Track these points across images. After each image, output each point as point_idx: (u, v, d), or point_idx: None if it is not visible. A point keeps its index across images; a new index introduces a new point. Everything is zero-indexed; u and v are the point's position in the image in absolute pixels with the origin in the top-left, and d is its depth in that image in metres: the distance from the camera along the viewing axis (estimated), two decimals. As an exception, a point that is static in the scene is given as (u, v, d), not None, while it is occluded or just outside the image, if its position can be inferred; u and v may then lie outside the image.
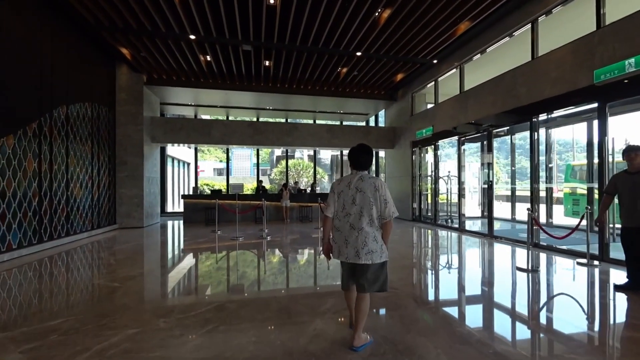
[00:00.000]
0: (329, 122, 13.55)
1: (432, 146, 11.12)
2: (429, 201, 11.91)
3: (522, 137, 13.15)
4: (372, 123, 15.86)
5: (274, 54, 9.67)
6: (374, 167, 16.67)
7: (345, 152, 17.99)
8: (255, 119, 13.72)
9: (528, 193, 7.56)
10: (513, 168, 12.01)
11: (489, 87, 8.45)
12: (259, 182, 13.19)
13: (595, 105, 5.99)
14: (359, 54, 9.46)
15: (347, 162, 21.74)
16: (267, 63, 10.36)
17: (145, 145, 10.84)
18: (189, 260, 6.14)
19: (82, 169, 8.73)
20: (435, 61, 10.16)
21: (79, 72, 8.65)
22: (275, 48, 9.18)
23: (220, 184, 22.48)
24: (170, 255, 6.73)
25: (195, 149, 15.56)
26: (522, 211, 12.04)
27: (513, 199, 11.93)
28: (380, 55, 9.63)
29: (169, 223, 12.15)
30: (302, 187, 15.61)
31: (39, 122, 7.11)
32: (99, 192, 9.59)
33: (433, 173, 11.10)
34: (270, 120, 13.50)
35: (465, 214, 9.95)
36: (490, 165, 9.08)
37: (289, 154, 27.52)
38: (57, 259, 6.12)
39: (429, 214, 11.78)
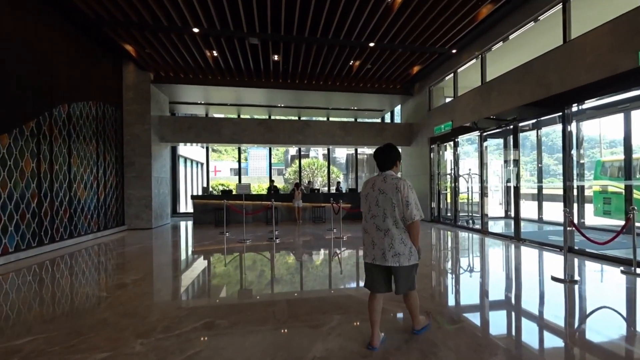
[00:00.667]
0: (343, 119, 13.03)
1: (452, 142, 10.39)
2: (449, 201, 11.19)
3: (544, 133, 12.18)
4: (387, 120, 15.22)
5: (282, 48, 9.22)
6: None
7: (361, 150, 17.39)
8: (267, 117, 13.31)
9: (555, 191, 6.79)
10: (540, 165, 11.12)
11: (515, 76, 7.70)
12: (271, 181, 12.80)
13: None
14: (371, 44, 8.88)
15: (362, 161, 21.12)
16: (275, 57, 9.93)
17: (153, 145, 10.64)
18: (186, 267, 5.76)
19: (86, 170, 8.55)
20: (454, 51, 9.45)
21: (81, 70, 8.46)
22: (283, 40, 8.73)
23: (235, 184, 22.34)
24: (169, 260, 6.38)
25: (207, 149, 15.35)
26: (550, 211, 11.16)
27: (539, 198, 11.05)
28: (394, 46, 9.01)
29: (179, 224, 11.94)
30: (315, 187, 15.12)
31: (37, 120, 6.89)
32: (105, 193, 9.42)
33: (453, 171, 10.37)
34: (281, 118, 13.09)
35: (488, 214, 9.21)
36: (516, 162, 8.31)
37: (303, 153, 27.14)
38: (54, 263, 5.87)
39: (449, 215, 11.06)
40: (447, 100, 11.00)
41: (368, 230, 2.68)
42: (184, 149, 15.33)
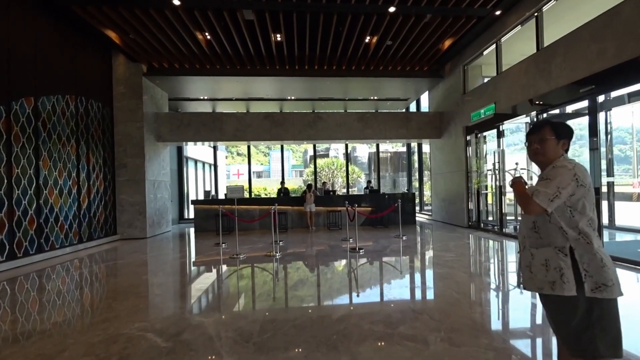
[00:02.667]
0: (360, 111, 11.05)
1: (494, 131, 8.14)
2: (490, 202, 8.91)
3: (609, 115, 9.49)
4: (412, 109, 13.06)
5: (283, 22, 7.45)
6: (417, 164, 13.78)
7: (383, 147, 15.28)
8: (273, 111, 11.59)
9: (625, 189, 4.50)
10: (610, 156, 8.56)
11: (592, 31, 5.43)
12: (281, 183, 11.10)
13: None
14: (392, 9, 6.90)
15: (385, 160, 18.98)
16: (278, 37, 8.19)
17: (147, 144, 9.24)
18: (143, 299, 4.04)
19: (61, 173, 7.18)
20: (497, 12, 7.25)
21: (54, 60, 7.08)
22: (282, 10, 6.96)
23: (258, 187, 20.93)
24: (130, 284, 4.74)
25: (215, 148, 13.91)
26: (625, 213, 8.57)
27: (609, 197, 8.49)
28: (420, 9, 6.97)
29: (182, 232, 10.48)
30: (331, 189, 13.21)
31: None
32: (90, 199, 8.06)
33: (497, 166, 8.11)
34: (290, 111, 11.31)
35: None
36: (595, 153, 5.96)
37: (323, 152, 25.33)
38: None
39: (491, 219, 8.78)
40: (487, 80, 8.75)
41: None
42: (193, 150, 14.00)
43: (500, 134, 7.97)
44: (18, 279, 5.05)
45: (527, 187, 1.62)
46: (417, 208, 12.25)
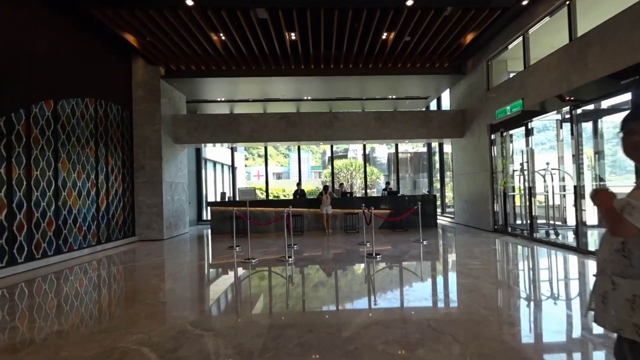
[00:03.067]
0: (378, 110, 10.61)
1: (523, 128, 7.54)
2: (517, 203, 8.28)
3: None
4: (433, 108, 12.50)
5: (297, 20, 7.22)
6: (438, 165, 13.19)
7: (403, 148, 14.77)
8: (289, 112, 11.33)
9: None
10: None
11: (636, 16, 4.85)
12: (298, 185, 10.87)
13: None
14: (409, 2, 6.50)
15: (404, 160, 18.42)
16: (292, 36, 7.97)
17: (164, 146, 9.26)
18: (147, 307, 3.87)
19: (80, 175, 7.27)
20: (525, 2, 6.70)
21: (75, 64, 7.19)
22: (296, 8, 6.73)
23: (277, 188, 20.86)
24: (137, 289, 4.61)
25: (232, 150, 13.88)
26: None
27: None
28: (440, 2, 6.53)
29: (198, 234, 10.46)
30: (349, 191, 12.86)
31: (6, 119, 5.59)
32: (109, 201, 8.13)
33: (526, 165, 7.50)
34: (306, 111, 11.08)
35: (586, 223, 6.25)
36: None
37: (341, 153, 24.97)
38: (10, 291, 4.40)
39: (518, 222, 8.15)
40: (512, 75, 8.15)
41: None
42: (212, 152, 14.06)
43: (528, 132, 7.37)
44: (36, 280, 5.06)
45: (615, 199, 1.19)
46: (439, 210, 11.69)
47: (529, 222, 7.46)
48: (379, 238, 8.22)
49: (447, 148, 12.32)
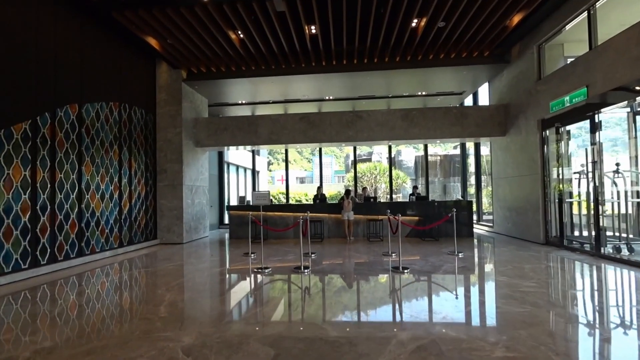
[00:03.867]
0: (406, 107, 9.20)
1: (587, 122, 5.87)
2: (575, 212, 6.54)
3: None
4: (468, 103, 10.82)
5: (317, 11, 6.17)
6: (472, 168, 11.49)
7: (432, 151, 13.14)
8: (310, 112, 10.12)
9: None
10: None
11: None
12: (318, 189, 9.78)
13: None
14: (445, -25, 5.21)
15: (434, 164, 16.74)
16: (312, 29, 6.92)
17: (185, 150, 8.60)
18: (144, 322, 2.93)
19: (103, 179, 6.75)
20: (594, -35, 5.13)
21: (99, 68, 6.76)
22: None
23: (299, 192, 19.94)
24: (141, 299, 3.73)
25: (253, 153, 13.08)
26: None
27: None
28: (484, -29, 5.17)
29: (217, 238, 9.68)
30: (371, 195, 11.55)
31: (32, 122, 5.20)
32: (131, 204, 7.56)
33: (591, 167, 5.81)
34: (327, 111, 9.88)
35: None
36: None
37: (365, 157, 23.51)
38: (36, 290, 3.75)
39: (577, 234, 6.42)
40: (570, 61, 6.47)
41: None
42: (235, 156, 13.38)
43: (595, 127, 5.69)
44: (58, 282, 4.43)
45: None
46: (474, 218, 10.02)
47: (594, 234, 5.75)
48: (406, 248, 6.88)
49: (484, 150, 10.62)
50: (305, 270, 5.03)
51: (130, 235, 7.48)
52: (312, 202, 9.67)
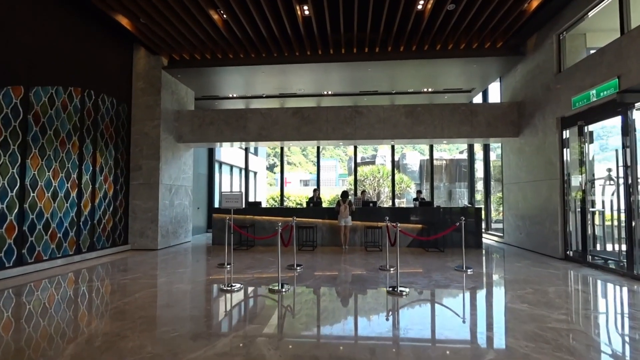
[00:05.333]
0: (410, 103, 8.52)
1: (619, 119, 5.20)
2: (598, 223, 5.85)
3: None
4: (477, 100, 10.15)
5: (309, -14, 5.57)
6: (480, 173, 10.83)
7: (437, 153, 12.42)
8: (304, 106, 9.38)
9: None
10: None
11: None
12: (314, 191, 9.12)
13: None
14: (456, -56, 4.60)
15: (439, 168, 16.14)
16: (305, 10, 6.31)
17: (165, 145, 7.97)
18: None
19: (57, 174, 6.07)
20: None
21: (58, 48, 6.08)
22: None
23: (300, 195, 19.26)
24: (71, 323, 3.05)
25: (246, 151, 12.41)
26: None
27: None
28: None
29: (199, 244, 9.00)
30: (371, 199, 10.90)
31: None
32: (94, 204, 6.89)
33: (623, 171, 5.13)
34: (324, 106, 9.17)
35: None
36: None
37: (369, 159, 22.90)
38: None
39: (599, 249, 5.73)
40: (593, 52, 5.84)
41: None
42: (229, 154, 12.74)
43: (627, 124, 5.01)
44: None
45: None
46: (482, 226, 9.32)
47: (624, 250, 5.06)
48: (407, 260, 6.19)
49: (493, 155, 9.97)
50: (284, 289, 4.35)
51: (91, 240, 6.79)
52: (301, 207, 8.98)
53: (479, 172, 10.94)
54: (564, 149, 6.27)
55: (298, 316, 3.47)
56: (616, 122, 5.26)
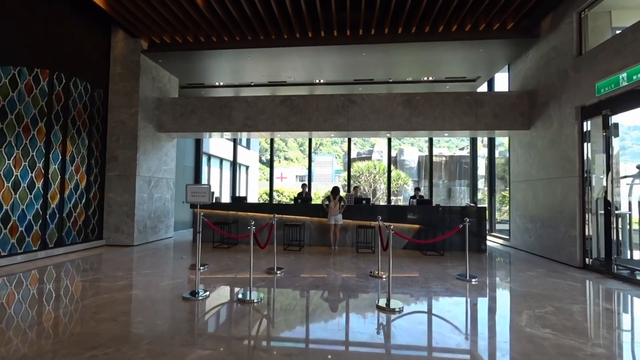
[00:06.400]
0: (408, 92, 7.49)
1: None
2: (630, 227, 4.88)
3: None
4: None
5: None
6: (482, 171, 9.86)
7: (436, 150, 11.35)
8: (293, 94, 8.28)
9: None
10: None
11: None
12: (303, 186, 8.20)
13: None
14: None
15: (439, 165, 15.13)
16: (290, -18, 5.37)
17: (143, 134, 7.08)
18: None
19: (18, 163, 5.23)
20: None
21: (22, 25, 5.24)
22: None
23: (294, 191, 18.41)
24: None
25: (235, 142, 11.48)
26: None
27: None
28: None
29: (180, 240, 8.14)
30: (366, 197, 9.98)
31: None
32: (63, 196, 6.04)
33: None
34: (314, 94, 8.12)
35: None
36: None
37: (365, 155, 21.88)
38: None
39: (630, 257, 4.76)
40: (623, 29, 4.84)
41: None
42: (218, 147, 11.84)
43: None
44: None
45: None
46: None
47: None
48: (402, 265, 5.28)
49: (498, 152, 8.98)
50: (255, 300, 3.47)
51: (60, 235, 5.96)
52: (287, 203, 8.06)
53: (481, 169, 9.97)
54: (584, 143, 5.29)
55: (259, 340, 2.57)
56: (651, 109, 4.29)
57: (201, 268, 4.98)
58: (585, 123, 5.30)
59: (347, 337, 2.74)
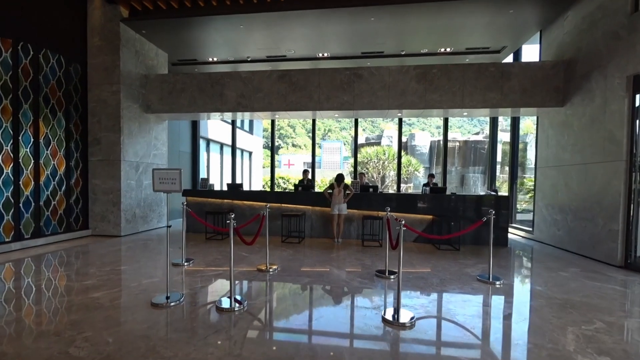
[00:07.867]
0: (422, 63, 6.58)
1: None
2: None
3: None
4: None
5: None
6: (499, 157, 8.98)
7: (452, 134, 10.33)
8: (292, 69, 7.36)
9: None
10: None
11: None
12: (304, 172, 7.54)
13: None
14: None
15: (452, 150, 14.16)
16: None
17: (127, 115, 6.46)
18: None
19: None
20: None
21: None
22: None
23: (301, 177, 17.80)
24: None
25: (233, 124, 10.77)
26: None
27: None
28: None
29: (174, 230, 7.65)
30: (373, 184, 9.24)
31: None
32: (38, 183, 5.54)
33: None
34: (317, 68, 7.15)
35: None
36: None
37: (374, 140, 20.96)
38: None
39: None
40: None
41: None
42: (218, 131, 11.19)
43: None
44: None
45: None
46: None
47: None
48: (413, 262, 4.65)
49: (504, 135, 8.07)
50: (237, 307, 2.91)
51: (37, 225, 5.50)
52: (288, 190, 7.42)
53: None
54: (636, 121, 4.44)
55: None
56: None
57: (186, 263, 4.46)
58: (638, 96, 4.43)
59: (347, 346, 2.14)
